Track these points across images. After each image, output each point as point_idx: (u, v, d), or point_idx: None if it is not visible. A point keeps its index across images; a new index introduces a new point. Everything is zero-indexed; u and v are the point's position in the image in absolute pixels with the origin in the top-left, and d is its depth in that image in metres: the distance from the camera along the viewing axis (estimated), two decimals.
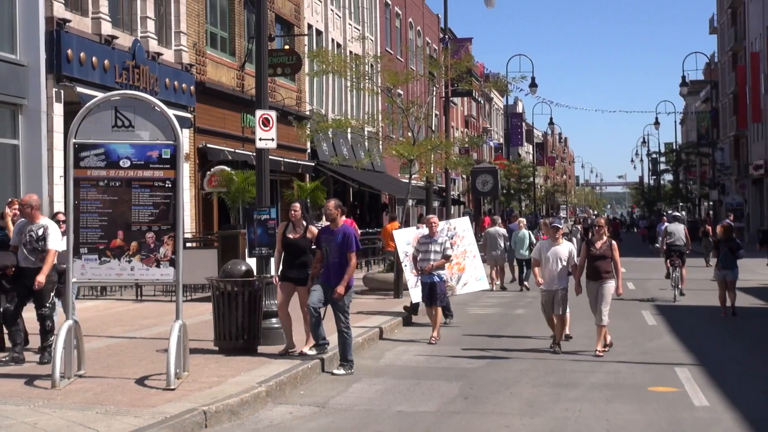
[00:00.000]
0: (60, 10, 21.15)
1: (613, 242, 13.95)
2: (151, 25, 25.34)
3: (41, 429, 8.54)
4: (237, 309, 12.43)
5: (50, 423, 8.75)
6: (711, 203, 78.11)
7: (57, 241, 11.78)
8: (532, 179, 79.03)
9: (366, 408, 10.16)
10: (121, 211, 10.69)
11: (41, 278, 11.49)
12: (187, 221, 25.80)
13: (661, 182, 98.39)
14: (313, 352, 12.22)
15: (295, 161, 35.00)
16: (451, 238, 16.70)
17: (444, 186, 37.49)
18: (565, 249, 13.84)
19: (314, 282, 12.24)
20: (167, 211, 10.72)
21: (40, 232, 11.71)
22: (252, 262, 13.64)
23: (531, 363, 12.99)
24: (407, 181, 30.58)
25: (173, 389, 10.16)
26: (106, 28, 22.99)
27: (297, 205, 12.97)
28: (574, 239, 27.45)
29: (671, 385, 11.51)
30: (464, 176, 59.52)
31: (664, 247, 24.75)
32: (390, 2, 52.92)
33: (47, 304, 11.92)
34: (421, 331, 15.65)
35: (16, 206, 12.90)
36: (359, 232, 24.32)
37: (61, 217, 12.99)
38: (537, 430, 9.21)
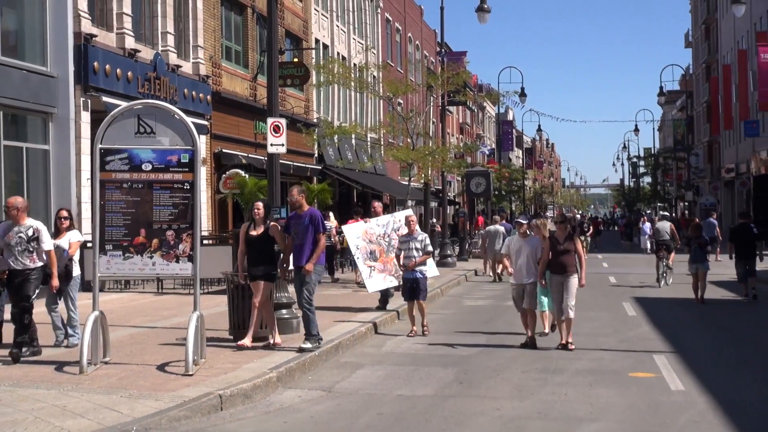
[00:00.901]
0: (87, 26, 21.17)
1: (575, 237, 13.47)
2: (171, 40, 25.35)
3: (70, 411, 8.56)
4: (250, 301, 12.45)
5: (78, 405, 8.78)
6: (686, 204, 78.29)
7: (50, 242, 11.48)
8: (521, 181, 78.90)
9: (369, 392, 10.16)
10: (144, 210, 10.71)
11: (56, 282, 11.48)
12: (204, 220, 25.77)
13: (641, 184, 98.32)
14: (309, 345, 11.85)
15: (304, 165, 35.00)
16: (397, 230, 16.41)
17: (440, 188, 37.47)
18: (532, 243, 13.26)
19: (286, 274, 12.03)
20: (186, 211, 10.73)
21: (30, 233, 11.22)
22: None
23: (520, 351, 12.97)
24: (407, 183, 30.64)
25: (191, 375, 10.18)
26: (130, 43, 23.00)
27: (260, 204, 12.50)
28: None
29: (650, 371, 11.49)
30: (459, 178, 59.42)
31: (652, 246, 25.02)
32: (391, 18, 52.86)
33: (31, 297, 11.26)
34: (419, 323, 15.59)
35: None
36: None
37: (64, 213, 12.46)
38: (526, 412, 9.20)
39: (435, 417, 8.98)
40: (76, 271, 12.46)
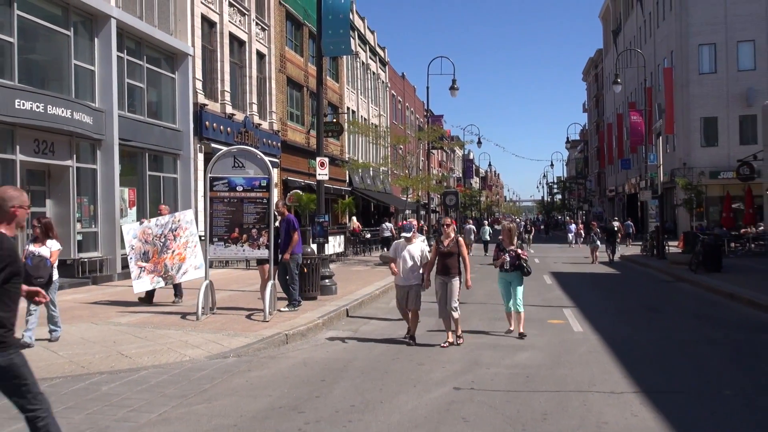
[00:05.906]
0: (201, 98, 21.22)
1: (461, 239, 9.35)
2: (255, 107, 25.37)
3: (190, 344, 8.55)
4: (309, 274, 12.41)
5: (195, 341, 8.78)
6: (584, 212, 77.93)
7: None
8: (478, 198, 78.68)
9: (381, 333, 10.11)
10: (237, 216, 10.71)
11: None
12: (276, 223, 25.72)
13: (555, 199, 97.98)
14: (287, 309, 11.25)
15: (339, 187, 34.95)
16: (175, 231, 11.91)
17: (426, 202, 37.44)
18: (417, 248, 9.29)
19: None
20: (264, 216, 10.73)
21: None
22: (314, 246, 13.63)
23: (478, 306, 12.93)
24: (405, 199, 30.57)
25: (267, 321, 10.18)
26: (228, 109, 23.03)
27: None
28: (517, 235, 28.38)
29: (561, 319, 11.44)
30: (438, 196, 59.30)
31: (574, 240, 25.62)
32: (395, 93, 52.81)
33: None
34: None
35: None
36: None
37: (35, 222, 8.82)
38: (484, 343, 9.14)
39: (424, 348, 8.93)
40: (55, 275, 8.89)
